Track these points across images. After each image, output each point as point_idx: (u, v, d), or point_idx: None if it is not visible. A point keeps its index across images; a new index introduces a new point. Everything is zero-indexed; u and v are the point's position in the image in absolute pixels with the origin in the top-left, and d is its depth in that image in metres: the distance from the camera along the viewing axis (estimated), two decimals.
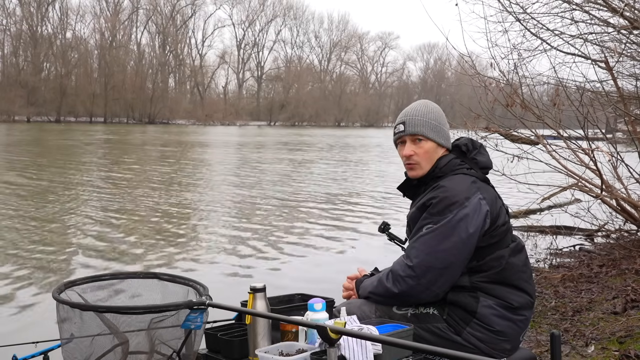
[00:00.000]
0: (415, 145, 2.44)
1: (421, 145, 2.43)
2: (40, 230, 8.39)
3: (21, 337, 2.77)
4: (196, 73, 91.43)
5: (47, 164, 18.93)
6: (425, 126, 2.43)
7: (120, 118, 77.38)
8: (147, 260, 6.90)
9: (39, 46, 74.70)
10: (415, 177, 2.48)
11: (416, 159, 2.44)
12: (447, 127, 2.50)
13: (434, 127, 2.44)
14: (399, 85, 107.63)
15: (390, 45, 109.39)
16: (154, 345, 1.97)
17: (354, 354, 1.94)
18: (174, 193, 12.77)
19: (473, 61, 7.36)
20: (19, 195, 11.71)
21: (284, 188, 14.02)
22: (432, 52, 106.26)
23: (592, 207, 7.15)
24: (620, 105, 6.71)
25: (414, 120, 2.44)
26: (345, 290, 2.61)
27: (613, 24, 6.68)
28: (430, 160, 2.44)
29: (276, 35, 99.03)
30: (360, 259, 6.64)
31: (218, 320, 2.40)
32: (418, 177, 2.47)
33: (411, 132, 2.44)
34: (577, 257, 6.74)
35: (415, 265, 2.29)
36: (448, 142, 2.49)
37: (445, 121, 2.50)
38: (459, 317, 2.30)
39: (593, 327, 4.16)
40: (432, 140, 2.43)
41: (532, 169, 6.73)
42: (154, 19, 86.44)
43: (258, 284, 2.12)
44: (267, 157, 24.65)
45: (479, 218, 2.27)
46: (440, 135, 2.45)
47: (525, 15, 6.77)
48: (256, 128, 71.88)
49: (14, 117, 64.74)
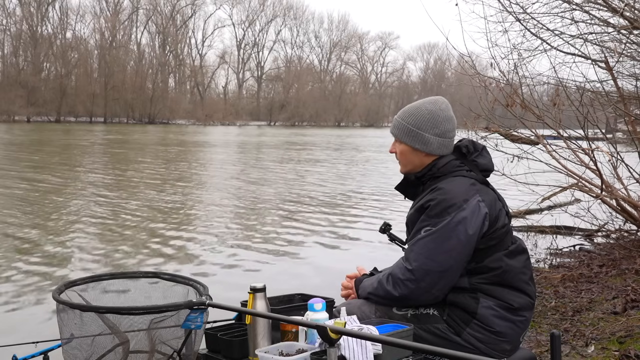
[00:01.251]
0: (397, 143, 2.50)
1: (399, 146, 2.49)
2: (41, 230, 8.39)
3: (21, 337, 2.77)
4: (196, 73, 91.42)
5: (61, 163, 18.94)
6: (400, 129, 2.46)
7: (120, 118, 77.34)
8: (147, 259, 6.90)
9: (39, 46, 74.69)
10: (402, 173, 2.53)
11: (397, 157, 2.51)
12: (433, 132, 2.40)
13: (408, 131, 2.44)
14: (399, 85, 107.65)
15: (390, 45, 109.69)
16: (154, 345, 1.97)
17: (354, 354, 1.94)
18: (175, 193, 12.77)
19: (473, 61, 7.36)
20: (20, 195, 11.72)
21: (284, 188, 14.01)
22: (432, 52, 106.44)
23: (592, 207, 7.15)
24: (620, 105, 6.71)
25: (395, 121, 2.50)
26: (344, 289, 2.61)
27: (613, 24, 6.68)
28: (408, 161, 2.47)
29: (276, 35, 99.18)
30: (361, 259, 6.65)
31: (218, 320, 2.40)
32: (405, 172, 2.51)
33: (391, 132, 2.52)
34: (577, 257, 6.74)
35: (414, 268, 2.29)
36: (428, 147, 2.41)
37: (432, 126, 2.40)
38: (459, 318, 2.30)
39: (593, 327, 4.16)
40: (404, 143, 2.46)
41: (532, 169, 6.73)
42: (154, 19, 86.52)
43: (258, 284, 2.12)
44: (267, 157, 24.65)
45: (478, 220, 2.27)
46: (415, 140, 2.42)
47: (525, 15, 6.77)
48: (256, 128, 71.85)
49: (14, 117, 64.73)
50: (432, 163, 2.43)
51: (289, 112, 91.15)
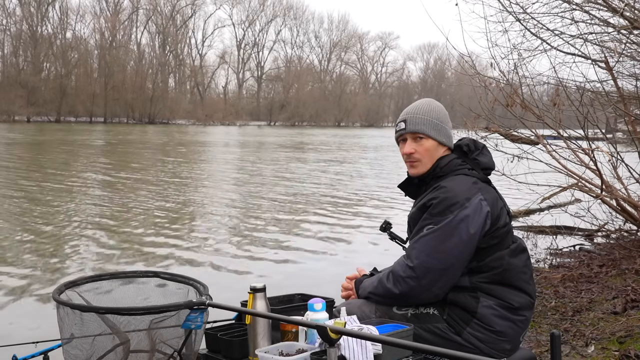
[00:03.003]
0: (416, 143, 2.44)
1: (422, 143, 2.43)
2: (40, 229, 8.39)
3: (21, 337, 2.77)
4: (196, 73, 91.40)
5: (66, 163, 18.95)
6: (426, 124, 2.43)
7: (120, 118, 77.31)
8: (147, 259, 6.90)
9: (39, 46, 74.65)
10: (415, 175, 2.48)
11: (417, 156, 2.44)
12: (450, 126, 2.50)
13: (435, 125, 2.44)
14: (399, 85, 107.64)
15: (390, 45, 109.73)
16: (154, 345, 1.97)
17: (354, 354, 1.94)
18: (175, 193, 12.76)
19: (473, 61, 7.37)
20: (20, 195, 11.72)
21: (285, 188, 14.01)
22: (432, 52, 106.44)
23: (592, 207, 7.15)
24: (620, 105, 6.71)
25: (416, 119, 2.44)
26: (344, 290, 2.61)
27: (613, 24, 6.68)
28: (431, 158, 2.44)
29: (276, 35, 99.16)
30: (360, 259, 6.65)
31: (218, 320, 2.40)
32: (419, 174, 2.47)
33: (412, 130, 2.44)
34: (577, 257, 6.74)
35: (415, 266, 2.29)
36: (450, 141, 2.48)
37: (448, 120, 2.50)
38: (459, 317, 2.30)
39: (593, 327, 4.16)
40: (432, 138, 2.43)
41: (532, 169, 6.73)
42: (154, 19, 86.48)
43: (258, 284, 2.12)
44: (267, 157, 24.64)
45: (480, 219, 2.27)
46: (441, 134, 2.45)
47: (525, 15, 6.77)
48: (256, 128, 71.83)
49: (14, 117, 64.70)
50: (435, 163, 2.44)
51: (289, 112, 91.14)
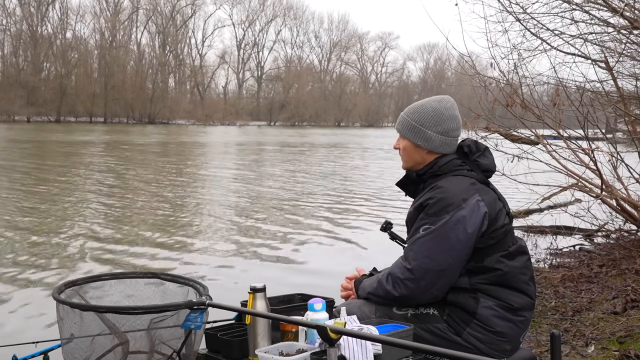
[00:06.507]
0: (400, 139, 2.53)
1: (402, 142, 2.52)
2: (41, 229, 8.39)
3: (21, 337, 2.77)
4: (196, 73, 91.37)
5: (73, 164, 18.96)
6: (404, 125, 2.50)
7: (120, 118, 77.28)
8: (147, 259, 6.90)
9: (39, 46, 74.64)
10: (405, 169, 2.54)
11: (400, 152, 2.53)
12: (437, 130, 2.42)
13: (411, 127, 2.46)
14: (399, 85, 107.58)
15: (390, 45, 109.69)
16: (154, 345, 1.97)
17: (354, 354, 1.94)
18: (175, 193, 12.77)
19: (473, 61, 7.36)
20: (20, 195, 11.72)
21: (285, 188, 14.01)
22: (432, 52, 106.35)
23: (592, 207, 7.15)
24: (620, 105, 6.71)
25: (401, 117, 2.54)
26: (343, 290, 2.61)
27: (613, 24, 6.68)
28: (410, 158, 2.49)
29: (276, 35, 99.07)
30: (360, 259, 6.65)
31: (218, 320, 2.40)
32: (407, 168, 2.53)
33: (396, 127, 2.55)
34: (577, 257, 6.74)
35: (413, 268, 2.29)
36: (430, 144, 2.42)
37: (435, 124, 2.41)
38: (459, 318, 2.29)
39: (593, 327, 4.16)
40: (407, 139, 2.48)
41: (532, 169, 6.73)
42: (154, 19, 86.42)
43: (258, 284, 2.12)
44: (268, 157, 24.64)
45: (477, 219, 2.27)
46: (417, 137, 2.44)
47: (525, 15, 6.77)
48: (256, 128, 71.83)
49: (14, 117, 64.68)
50: (434, 161, 2.43)
51: (289, 112, 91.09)
